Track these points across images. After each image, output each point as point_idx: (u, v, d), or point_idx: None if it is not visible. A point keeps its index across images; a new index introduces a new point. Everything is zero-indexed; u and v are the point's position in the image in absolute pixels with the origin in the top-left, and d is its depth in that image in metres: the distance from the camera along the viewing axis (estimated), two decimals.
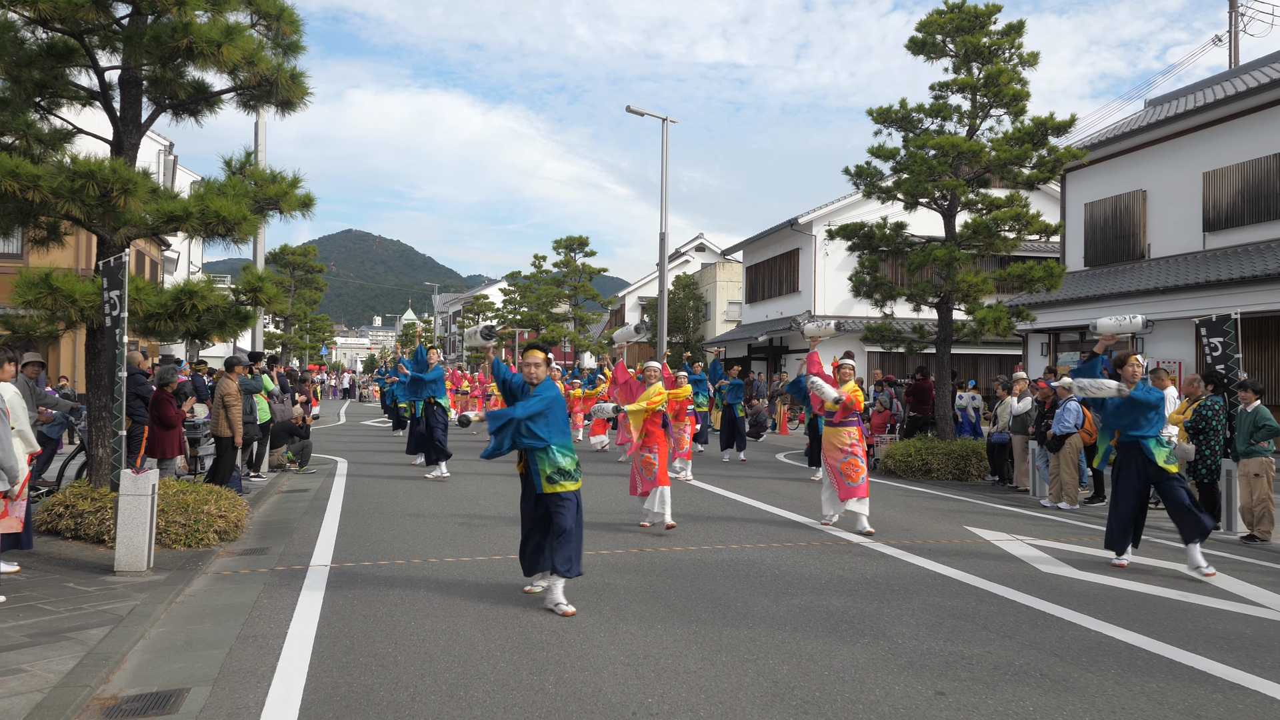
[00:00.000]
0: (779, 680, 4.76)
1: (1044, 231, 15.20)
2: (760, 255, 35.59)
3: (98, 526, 7.76)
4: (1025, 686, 4.72)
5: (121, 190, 7.25)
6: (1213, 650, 5.41)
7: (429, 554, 7.88)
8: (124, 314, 7.24)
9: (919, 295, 15.72)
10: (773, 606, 6.29)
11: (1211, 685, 4.79)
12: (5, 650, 4.99)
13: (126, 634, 5.32)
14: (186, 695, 4.45)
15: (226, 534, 8.20)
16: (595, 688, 4.60)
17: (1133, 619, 6.10)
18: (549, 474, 6.08)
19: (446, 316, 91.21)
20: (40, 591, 6.26)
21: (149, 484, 6.93)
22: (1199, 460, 10.45)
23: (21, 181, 6.95)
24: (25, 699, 4.28)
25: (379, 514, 10.04)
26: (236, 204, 8.00)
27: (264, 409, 12.67)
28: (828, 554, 8.20)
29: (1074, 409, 11.97)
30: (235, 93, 9.08)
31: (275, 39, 9.06)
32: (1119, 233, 21.75)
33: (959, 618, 6.06)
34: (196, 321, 8.10)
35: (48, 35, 7.93)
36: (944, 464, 14.55)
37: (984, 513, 11.11)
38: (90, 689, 4.43)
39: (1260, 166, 18.06)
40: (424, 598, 6.37)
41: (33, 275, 7.36)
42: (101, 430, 8.22)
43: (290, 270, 46.02)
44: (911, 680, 4.79)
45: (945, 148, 14.95)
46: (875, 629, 5.75)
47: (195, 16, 7.41)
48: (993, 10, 15.46)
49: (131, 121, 8.47)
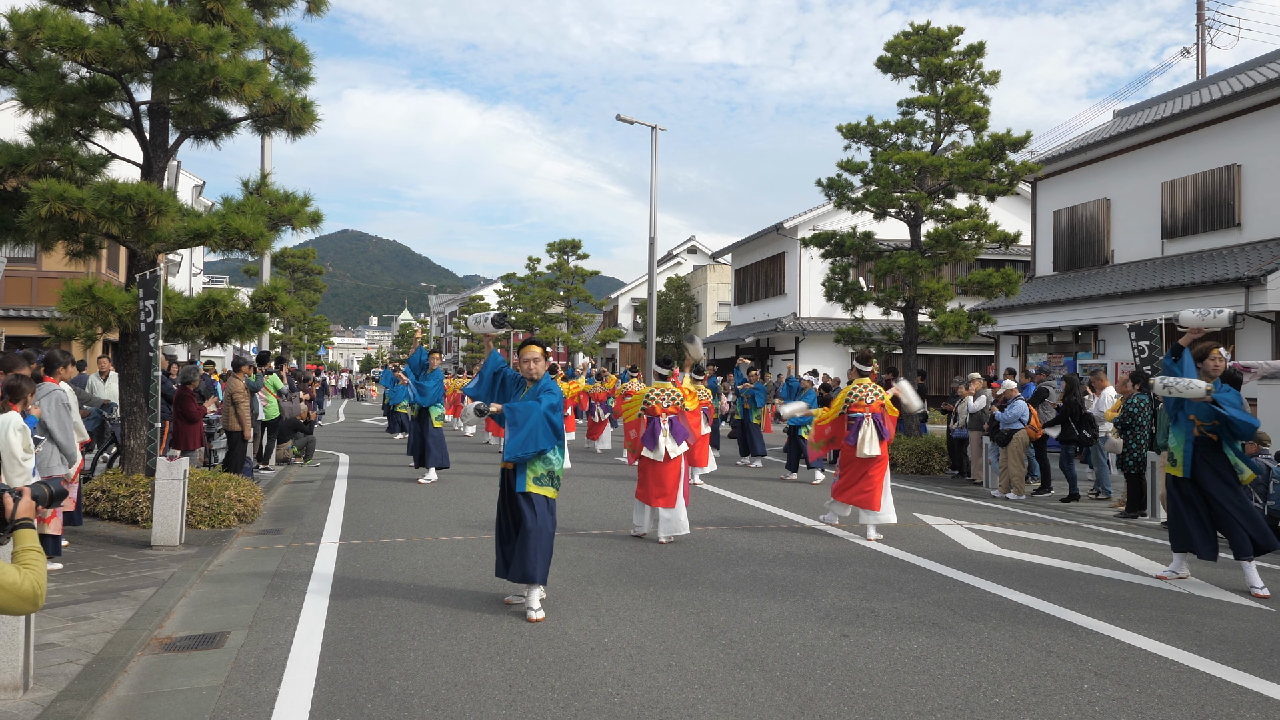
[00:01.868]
0: (715, 627, 5.78)
1: (1002, 240, 16.25)
2: (749, 258, 36.64)
3: (132, 509, 8.76)
4: (917, 631, 5.74)
5: (155, 211, 8.25)
6: (1087, 608, 6.42)
7: (425, 533, 8.89)
8: (159, 321, 8.25)
9: (887, 300, 16.75)
10: (722, 574, 7.30)
11: (1071, 631, 5.81)
12: (73, 603, 6.00)
13: (170, 593, 6.33)
14: (228, 637, 5.46)
15: (245, 517, 9.19)
16: (563, 631, 5.61)
17: (1030, 585, 7.11)
18: (540, 474, 6.02)
19: (443, 317, 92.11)
20: (91, 561, 7.27)
21: (181, 470, 7.94)
22: (1126, 453, 11.45)
23: (68, 203, 7.95)
24: (99, 637, 5.29)
25: (380, 501, 11.04)
26: (254, 222, 9.00)
27: (272, 406, 13.66)
28: (780, 535, 9.22)
29: (1021, 406, 12.99)
30: (251, 120, 10.08)
31: (288, 71, 10.06)
32: (1085, 239, 22.77)
33: (879, 583, 7.08)
34: (219, 326, 9.11)
35: (90, 74, 8.91)
36: (908, 458, 15.57)
37: (935, 501, 12.13)
38: (149, 631, 5.43)
39: (1214, 177, 19.07)
40: (421, 566, 7.39)
41: (77, 286, 8.36)
42: (133, 423, 9.22)
43: (290, 272, 46.91)
44: (824, 627, 5.81)
45: (909, 162, 15.98)
46: (805, 591, 6.77)
47: (221, 59, 8.39)
48: (955, 33, 16.49)
49: (160, 147, 9.47)
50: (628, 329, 50.90)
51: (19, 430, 5.95)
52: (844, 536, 9.11)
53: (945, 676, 4.88)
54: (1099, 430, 13.04)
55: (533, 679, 4.77)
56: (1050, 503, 12.35)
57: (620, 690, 4.62)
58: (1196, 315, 7.56)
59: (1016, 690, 4.68)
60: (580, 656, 5.14)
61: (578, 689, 4.63)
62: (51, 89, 8.44)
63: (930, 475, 15.46)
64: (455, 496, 11.56)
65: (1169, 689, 4.73)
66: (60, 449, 6.97)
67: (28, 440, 6.01)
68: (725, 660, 5.12)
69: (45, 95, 8.40)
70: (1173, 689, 4.74)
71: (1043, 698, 4.58)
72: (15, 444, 5.92)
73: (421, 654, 5.16)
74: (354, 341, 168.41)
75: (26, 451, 5.98)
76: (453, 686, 4.65)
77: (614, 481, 13.37)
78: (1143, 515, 11.03)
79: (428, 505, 10.76)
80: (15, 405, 6.10)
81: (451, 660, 5.05)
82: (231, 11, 8.74)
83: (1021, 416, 12.91)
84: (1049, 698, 4.58)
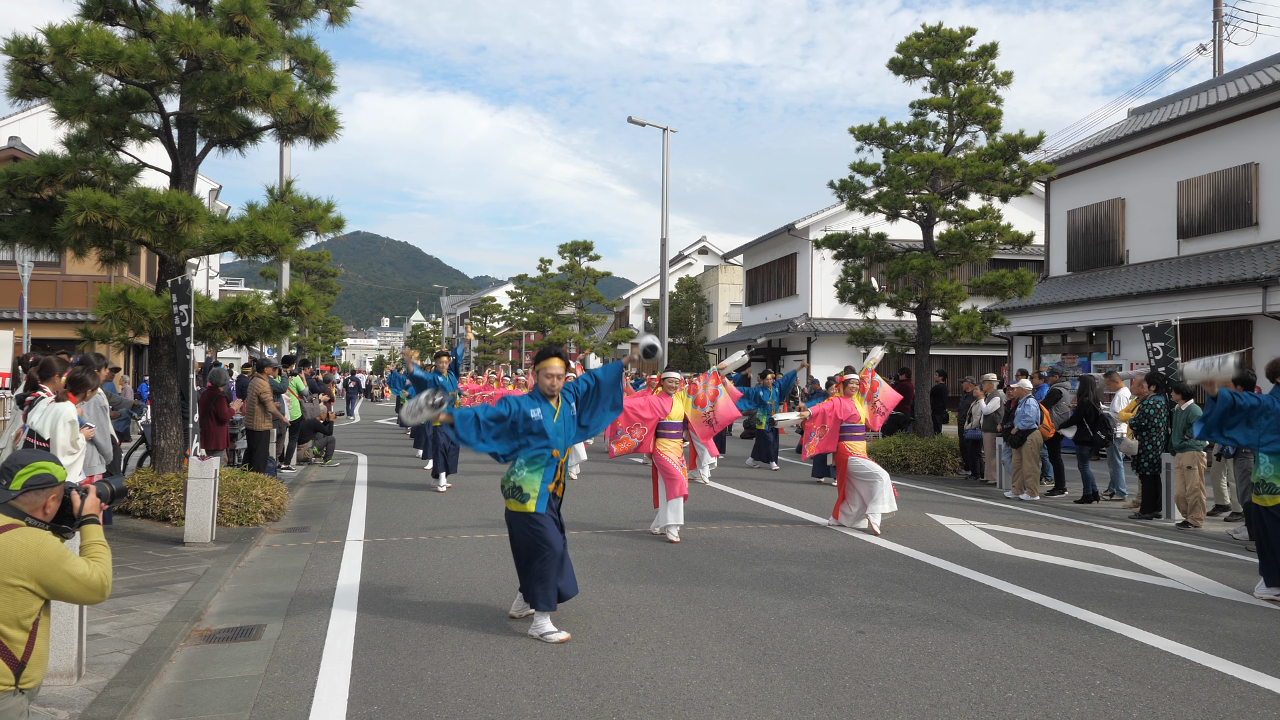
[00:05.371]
0: (733, 623, 5.94)
1: (1015, 241, 16.34)
2: (760, 259, 36.75)
3: (163, 506, 9.00)
4: (932, 628, 5.89)
5: (186, 219, 8.48)
6: (1100, 607, 6.54)
7: (447, 531, 9.09)
8: (191, 324, 8.48)
9: (900, 301, 16.87)
10: (739, 572, 7.46)
11: (1084, 629, 5.95)
12: (116, 597, 6.23)
13: (206, 587, 6.54)
14: (264, 629, 5.66)
15: (271, 514, 9.41)
16: (585, 626, 5.79)
17: (1043, 584, 7.25)
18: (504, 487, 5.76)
19: (454, 318, 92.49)
20: (127, 557, 7.49)
21: (212, 469, 8.17)
22: (1141, 454, 11.53)
23: (103, 212, 8.18)
24: (142, 629, 5.51)
25: (400, 499, 11.25)
26: (280, 228, 9.22)
27: (294, 407, 13.90)
28: (795, 534, 9.38)
29: (1034, 406, 13.09)
30: (275, 128, 10.29)
31: (311, 80, 10.28)
32: (1099, 239, 22.80)
33: (893, 581, 7.23)
34: (245, 330, 9.33)
35: (122, 86, 9.15)
36: (921, 459, 15.68)
37: (948, 502, 12.25)
38: (189, 623, 5.64)
39: (1231, 176, 19.07)
40: (445, 563, 7.58)
41: (110, 291, 8.60)
42: (164, 424, 9.46)
43: (305, 274, 47.28)
44: (840, 623, 5.96)
45: (921, 164, 16.09)
46: (821, 588, 6.93)
47: (248, 70, 8.60)
48: (967, 34, 16.59)
49: (188, 155, 9.71)
50: (639, 330, 51.07)
51: (69, 423, 6.16)
52: (859, 536, 9.25)
53: (960, 672, 5.03)
54: (1114, 431, 13.13)
55: (559, 670, 4.95)
56: (1064, 503, 12.45)
57: (644, 682, 4.79)
58: (1201, 368, 7.02)
59: (1029, 685, 4.83)
60: (604, 650, 5.32)
61: (602, 680, 4.81)
62: (86, 101, 8.69)
63: (943, 476, 15.56)
64: (474, 496, 11.75)
65: (1181, 686, 4.87)
66: (99, 450, 7.20)
67: (76, 434, 6.22)
68: (744, 655, 5.28)
69: (80, 107, 8.65)
70: (1185, 686, 4.87)
71: (1055, 693, 4.72)
72: (63, 435, 6.12)
73: (451, 646, 5.34)
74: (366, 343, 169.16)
75: (73, 445, 6.19)
76: (482, 677, 4.83)
77: (629, 480, 13.55)
78: (1157, 516, 11.12)
79: (447, 504, 10.96)
80: (75, 398, 6.31)
81: (480, 652, 5.24)
82: (257, 24, 8.96)
83: (1033, 417, 13.01)
84: (1061, 693, 4.72)
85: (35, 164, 8.89)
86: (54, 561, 2.89)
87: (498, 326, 60.31)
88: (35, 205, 9.18)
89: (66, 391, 6.27)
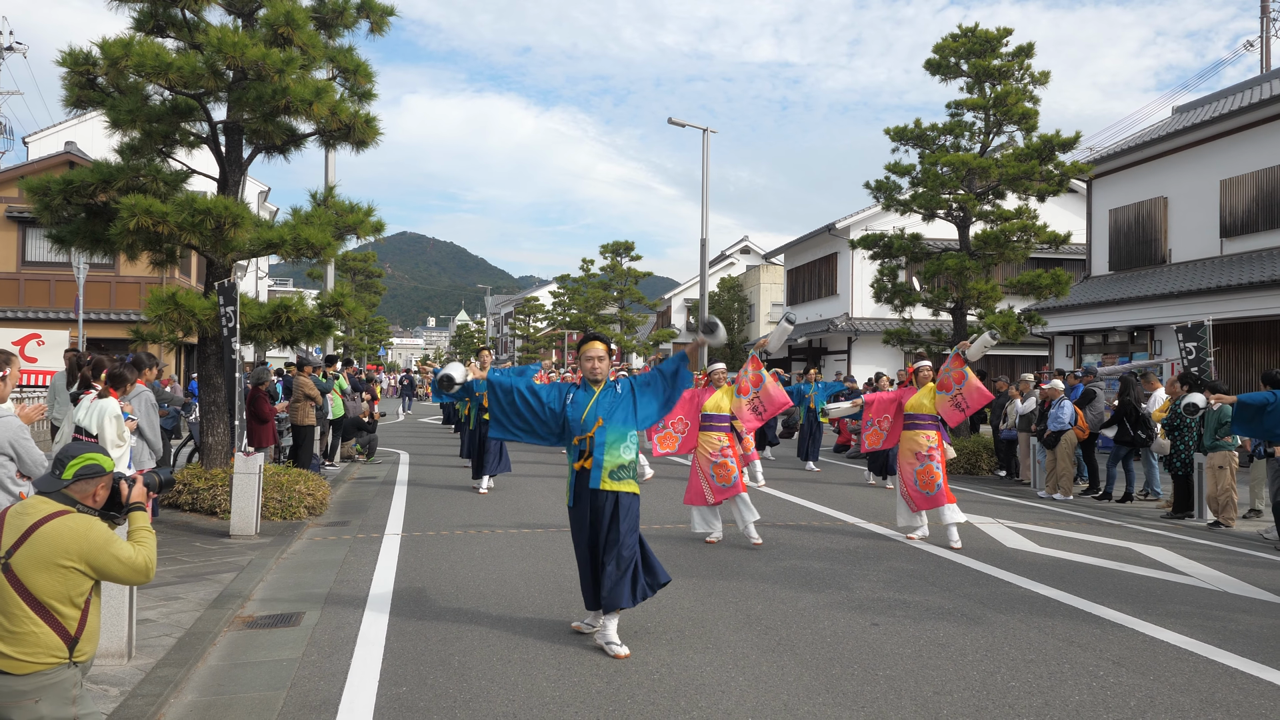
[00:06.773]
0: (751, 614, 6.13)
1: (1052, 241, 16.26)
2: (800, 259, 36.74)
3: (210, 501, 9.39)
4: (945, 621, 6.02)
5: (232, 223, 8.86)
6: (1116, 603, 6.61)
7: (482, 526, 9.37)
8: (237, 325, 8.86)
9: (936, 301, 16.88)
10: (762, 567, 7.64)
11: (1096, 623, 6.04)
12: (164, 585, 6.58)
13: (250, 577, 6.88)
14: (303, 616, 5.97)
15: (314, 509, 9.77)
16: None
17: (1062, 580, 7.32)
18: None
19: (499, 318, 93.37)
20: (176, 548, 7.87)
21: (257, 464, 8.53)
22: (1174, 454, 11.48)
23: (154, 217, 8.59)
24: (189, 615, 5.84)
25: (439, 496, 11.58)
26: (322, 232, 9.57)
27: (338, 405, 14.32)
28: (823, 532, 9.51)
29: (1068, 408, 13.05)
30: (318, 135, 10.66)
31: (352, 89, 10.64)
32: (1142, 238, 22.53)
33: (913, 577, 7.35)
34: (289, 330, 9.71)
35: (172, 96, 9.57)
36: (956, 459, 15.66)
37: (980, 501, 12.28)
38: (232, 610, 5.97)
39: (1273, 175, 18.78)
40: (479, 556, 7.86)
41: (161, 293, 9.01)
42: (211, 421, 9.86)
43: (350, 275, 48.16)
44: (856, 616, 6.12)
45: (957, 164, 16.09)
46: (840, 583, 7.08)
47: (291, 80, 8.96)
48: (1003, 34, 16.55)
49: (234, 162, 10.11)
50: (681, 329, 51.25)
51: (114, 418, 6.51)
52: (887, 534, 9.36)
53: (966, 662, 5.17)
54: (1154, 430, 13.05)
55: (579, 656, 5.19)
56: (1097, 503, 12.41)
57: (660, 668, 5.01)
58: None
59: (1033, 675, 4.96)
60: (624, 637, 5.52)
61: (620, 666, 5.03)
62: (138, 110, 9.11)
63: (978, 476, 15.55)
64: (511, 494, 12.04)
65: (1183, 677, 4.96)
66: (149, 445, 7.57)
67: (121, 429, 6.56)
68: (759, 644, 5.47)
69: (132, 116, 9.07)
70: (1186, 677, 4.96)
71: (1057, 682, 4.85)
72: (109, 430, 6.46)
73: (479, 634, 5.60)
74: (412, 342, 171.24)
75: (120, 439, 6.53)
76: (506, 662, 5.08)
77: (660, 479, 13.75)
78: (1189, 516, 11.07)
79: (484, 501, 11.26)
80: (115, 392, 6.67)
81: (505, 639, 5.49)
82: (301, 35, 9.32)
83: (1066, 419, 12.97)
84: (1064, 682, 4.85)
85: (90, 171, 9.34)
86: (101, 545, 3.16)
87: (541, 326, 60.90)
88: (90, 210, 9.63)
89: (108, 387, 6.61)
